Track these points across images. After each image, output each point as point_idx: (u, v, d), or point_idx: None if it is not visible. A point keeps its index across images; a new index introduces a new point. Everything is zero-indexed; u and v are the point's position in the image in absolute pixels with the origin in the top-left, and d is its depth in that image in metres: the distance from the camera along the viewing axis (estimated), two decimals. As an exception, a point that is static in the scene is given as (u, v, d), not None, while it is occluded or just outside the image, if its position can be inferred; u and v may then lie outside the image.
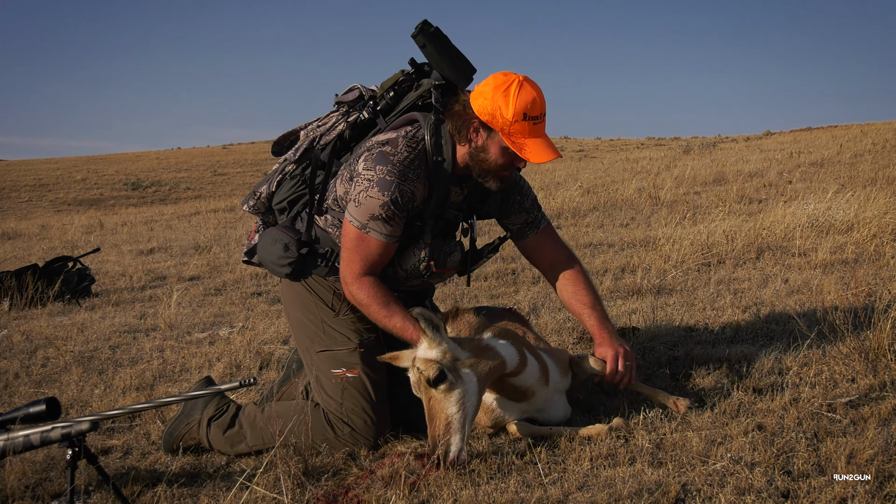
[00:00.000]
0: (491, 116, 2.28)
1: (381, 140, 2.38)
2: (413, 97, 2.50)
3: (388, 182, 2.30)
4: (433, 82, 2.46)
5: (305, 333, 2.53)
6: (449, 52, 2.41)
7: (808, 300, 3.74)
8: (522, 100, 2.25)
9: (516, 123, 2.26)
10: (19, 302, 5.30)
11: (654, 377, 2.81)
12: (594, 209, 7.80)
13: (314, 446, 2.38)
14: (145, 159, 35.58)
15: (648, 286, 4.32)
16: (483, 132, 2.34)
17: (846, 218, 5.37)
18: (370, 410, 2.40)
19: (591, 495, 1.94)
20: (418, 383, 2.14)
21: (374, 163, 2.33)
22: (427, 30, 2.37)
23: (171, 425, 2.55)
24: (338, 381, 2.42)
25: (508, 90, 2.26)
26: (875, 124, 21.40)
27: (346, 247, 2.38)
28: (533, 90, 2.28)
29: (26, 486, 2.26)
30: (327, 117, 2.67)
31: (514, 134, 2.28)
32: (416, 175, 2.35)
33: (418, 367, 2.13)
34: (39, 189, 25.23)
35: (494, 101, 2.27)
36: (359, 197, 2.33)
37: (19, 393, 3.30)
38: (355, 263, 2.37)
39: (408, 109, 2.51)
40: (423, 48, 2.41)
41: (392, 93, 2.53)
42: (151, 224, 11.39)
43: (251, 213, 2.70)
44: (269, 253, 2.52)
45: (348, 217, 2.36)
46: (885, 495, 1.82)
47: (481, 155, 2.36)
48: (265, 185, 2.64)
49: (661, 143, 30.91)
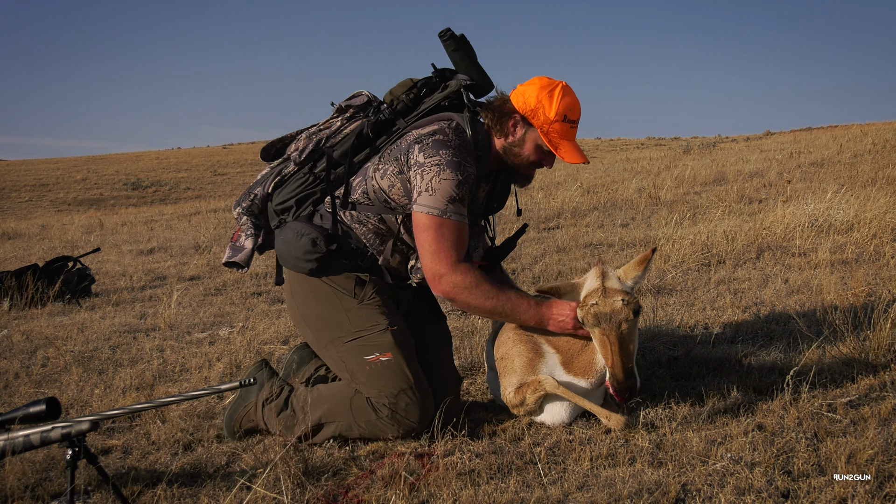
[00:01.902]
0: (533, 113, 2.42)
1: (428, 132, 2.42)
2: (439, 98, 2.54)
3: (458, 163, 2.35)
4: (462, 83, 2.53)
5: (328, 327, 2.49)
6: (475, 59, 2.53)
7: (808, 300, 3.74)
8: (566, 102, 2.41)
9: (556, 123, 2.41)
10: (19, 302, 5.30)
11: (654, 377, 2.81)
12: (594, 209, 7.80)
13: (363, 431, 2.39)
14: (145, 159, 35.58)
15: (648, 286, 4.31)
16: (522, 127, 2.46)
17: (846, 218, 5.37)
18: (410, 391, 2.36)
19: (591, 495, 1.94)
20: (612, 313, 2.20)
21: (434, 149, 2.36)
22: (455, 35, 2.47)
23: (231, 409, 2.60)
24: (372, 366, 2.39)
25: (553, 91, 2.41)
26: (875, 124, 21.40)
27: (429, 238, 2.35)
28: (574, 96, 2.45)
29: (26, 486, 2.26)
30: (329, 121, 2.68)
31: (551, 133, 2.42)
32: (470, 161, 2.41)
33: (623, 298, 2.21)
34: (39, 189, 25.24)
35: (539, 98, 2.41)
36: (431, 183, 2.33)
37: (19, 393, 3.30)
38: (447, 252, 2.34)
39: (433, 110, 2.54)
40: (454, 52, 2.50)
41: (412, 94, 2.56)
42: (151, 224, 11.39)
43: (243, 213, 2.66)
44: (293, 248, 2.49)
45: (422, 208, 2.34)
46: (885, 495, 1.82)
47: (516, 149, 2.49)
48: (259, 187, 2.64)
49: (661, 143, 30.91)
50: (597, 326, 2.23)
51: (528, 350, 2.44)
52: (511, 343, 2.49)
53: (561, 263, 5.25)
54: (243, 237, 2.66)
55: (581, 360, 2.37)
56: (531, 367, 2.42)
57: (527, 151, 2.48)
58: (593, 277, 2.33)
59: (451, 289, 2.36)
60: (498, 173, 2.61)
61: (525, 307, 2.38)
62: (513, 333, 2.51)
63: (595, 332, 2.25)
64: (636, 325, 2.26)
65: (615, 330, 2.19)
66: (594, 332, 2.25)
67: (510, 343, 2.50)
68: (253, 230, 2.66)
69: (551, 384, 2.35)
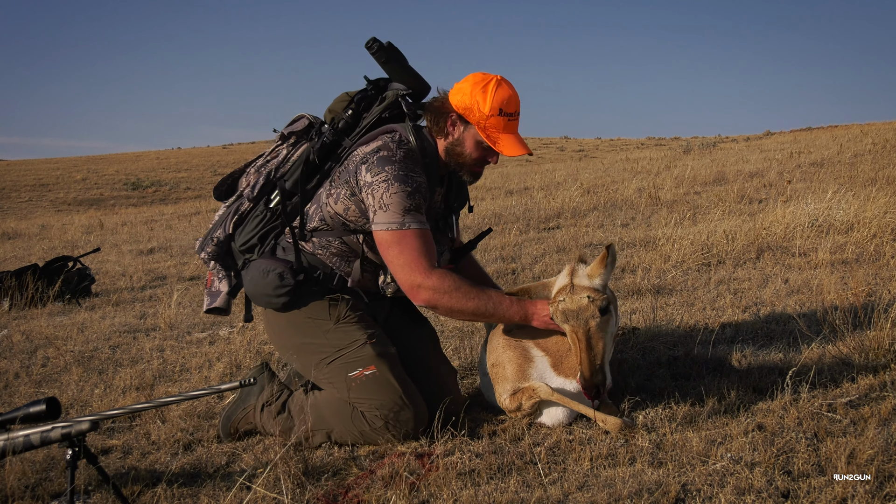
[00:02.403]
0: (468, 110, 2.42)
1: (371, 149, 2.42)
2: (378, 111, 2.55)
3: (404, 176, 2.36)
4: (399, 93, 2.53)
5: (310, 352, 2.49)
6: (407, 64, 2.52)
7: (808, 300, 3.74)
8: (499, 96, 2.39)
9: (492, 118, 2.40)
10: (19, 302, 5.30)
11: (654, 377, 2.81)
12: (594, 209, 7.79)
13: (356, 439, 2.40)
14: (145, 159, 35.58)
15: (648, 286, 4.31)
16: (460, 125, 2.46)
17: (846, 218, 5.37)
18: (400, 401, 2.37)
19: (591, 495, 1.94)
20: (579, 310, 2.20)
21: (379, 167, 2.37)
22: (383, 45, 2.45)
23: (229, 410, 2.60)
24: (358, 382, 2.40)
25: (487, 87, 2.40)
26: (875, 124, 21.41)
27: (396, 253, 2.35)
28: (510, 89, 2.42)
29: (26, 486, 2.26)
30: (274, 151, 2.69)
31: (489, 128, 2.42)
32: (418, 171, 2.42)
33: (588, 295, 2.21)
34: (39, 189, 25.24)
35: (473, 96, 2.40)
36: (383, 200, 2.35)
37: (19, 393, 3.30)
38: (417, 261, 2.34)
39: (374, 124, 2.55)
40: (385, 63, 2.49)
41: (350, 111, 2.56)
42: (151, 224, 11.39)
43: (209, 259, 2.65)
44: (261, 286, 2.48)
45: (381, 227, 2.36)
46: (885, 495, 1.82)
47: (457, 148, 2.48)
48: (220, 229, 2.63)
49: (661, 143, 30.91)
50: (566, 323, 2.24)
51: (517, 356, 2.45)
52: (501, 349, 2.50)
53: (561, 263, 5.25)
54: (216, 281, 2.65)
55: (570, 361, 2.37)
56: (522, 373, 2.43)
57: (468, 149, 2.47)
58: (564, 275, 2.34)
59: (431, 296, 2.34)
60: (450, 175, 2.62)
61: (508, 304, 2.37)
62: (502, 339, 2.51)
63: (566, 329, 2.26)
64: (606, 323, 2.25)
65: (582, 327, 2.21)
66: (565, 328, 2.27)
67: (500, 349, 2.50)
68: (224, 272, 2.65)
69: (545, 391, 2.36)
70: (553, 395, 2.34)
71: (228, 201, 2.69)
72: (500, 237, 6.56)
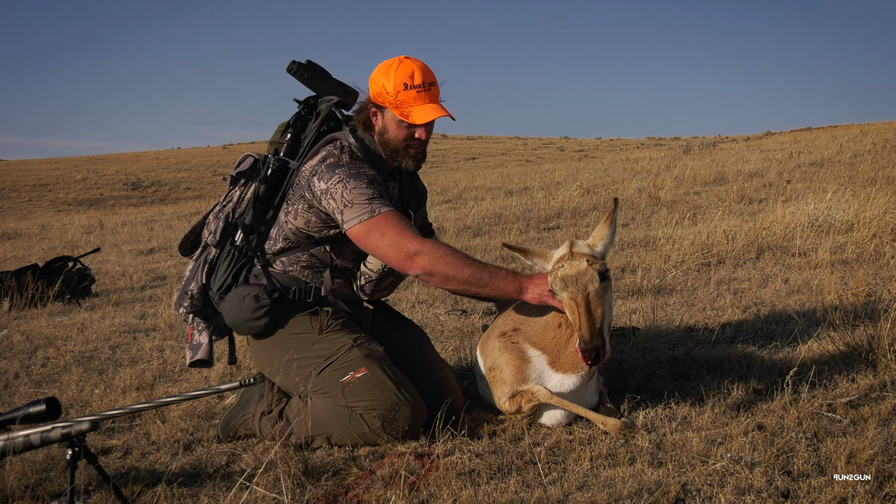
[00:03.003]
0: (379, 95, 2.48)
1: (317, 160, 2.47)
2: (315, 126, 2.59)
3: (355, 172, 2.42)
4: (331, 104, 2.58)
5: (300, 367, 2.49)
6: (330, 76, 2.59)
7: (808, 300, 3.74)
8: (401, 72, 2.45)
9: (400, 94, 2.44)
10: (19, 302, 5.30)
11: (654, 377, 2.81)
12: (594, 209, 7.79)
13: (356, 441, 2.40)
14: (145, 159, 35.59)
15: (648, 286, 4.32)
16: (379, 113, 2.53)
17: (846, 218, 5.37)
18: (397, 399, 2.37)
19: (591, 495, 1.94)
20: (578, 275, 2.19)
21: (329, 172, 2.42)
22: (302, 64, 2.54)
23: (228, 415, 2.61)
24: (351, 386, 2.40)
25: (390, 69, 2.46)
26: (875, 124, 21.41)
27: (378, 237, 2.36)
28: (412, 64, 2.47)
29: (26, 486, 2.26)
30: (228, 196, 2.72)
31: (401, 105, 2.46)
32: (366, 167, 2.47)
33: (587, 260, 2.20)
34: (39, 189, 25.24)
35: (379, 81, 2.48)
36: (344, 199, 2.38)
37: (19, 393, 3.30)
38: (403, 234, 2.35)
39: (315, 139, 2.58)
40: (308, 80, 2.57)
41: (289, 135, 2.60)
42: (151, 224, 11.39)
43: (187, 314, 2.63)
44: (240, 312, 2.49)
45: (352, 222, 2.37)
46: (885, 495, 1.82)
47: (385, 136, 2.53)
48: (193, 283, 2.63)
49: (661, 143, 30.92)
50: (565, 290, 2.21)
51: (514, 358, 2.44)
52: (497, 352, 2.49)
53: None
54: (196, 334, 2.64)
55: (568, 354, 2.36)
56: (520, 375, 2.42)
57: (392, 132, 2.51)
58: (563, 247, 2.33)
59: (426, 262, 2.33)
60: (399, 170, 2.68)
61: (503, 275, 2.36)
62: (497, 342, 2.50)
63: (564, 298, 2.22)
64: (605, 290, 2.23)
65: (581, 292, 2.18)
66: (563, 297, 2.22)
67: (497, 352, 2.49)
68: (204, 324, 2.64)
69: (544, 395, 2.35)
70: (552, 398, 2.34)
71: (195, 255, 2.71)
72: (500, 237, 6.56)
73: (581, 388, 2.39)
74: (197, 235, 2.77)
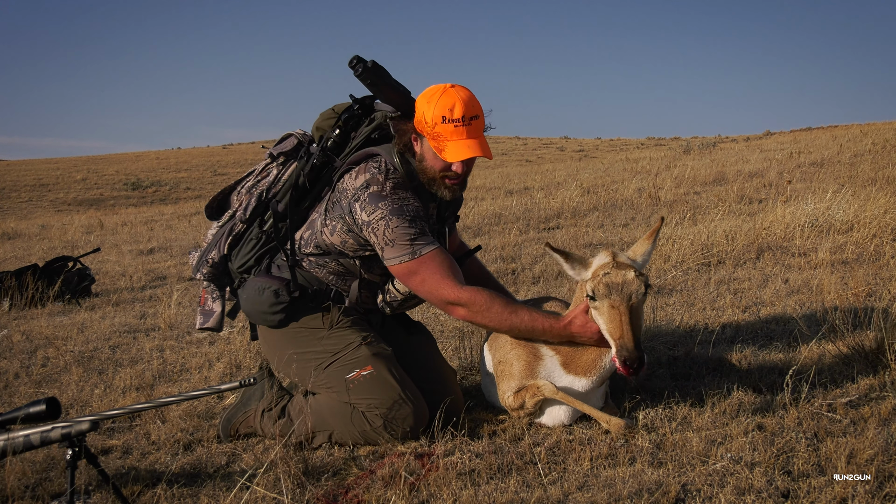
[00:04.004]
0: (419, 123, 2.41)
1: (360, 185, 2.41)
2: (366, 131, 2.55)
3: (398, 208, 2.36)
4: (388, 114, 2.53)
5: (307, 360, 2.50)
6: (392, 82, 2.47)
7: (808, 300, 3.74)
8: (442, 104, 2.35)
9: (437, 126, 2.36)
10: (19, 302, 5.30)
11: (654, 377, 2.81)
12: (594, 209, 7.80)
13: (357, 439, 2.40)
14: (145, 159, 35.58)
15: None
16: (419, 141, 2.45)
17: (846, 218, 5.37)
18: (400, 399, 2.38)
19: (591, 495, 1.94)
20: (624, 283, 2.19)
21: (372, 205, 2.37)
22: (367, 66, 2.39)
23: (229, 413, 2.61)
24: (356, 383, 2.41)
25: (433, 97, 2.37)
26: (875, 124, 21.40)
27: (419, 281, 2.36)
28: (456, 95, 2.36)
29: (26, 486, 2.26)
30: (265, 170, 2.70)
31: (437, 137, 2.38)
32: (409, 197, 2.42)
33: (636, 270, 2.22)
34: (39, 189, 25.24)
35: (421, 109, 2.40)
36: (386, 237, 2.35)
37: (19, 393, 3.30)
38: (442, 283, 2.34)
39: (362, 144, 2.54)
40: (371, 86, 2.44)
41: (338, 131, 2.56)
42: (151, 224, 11.39)
43: (205, 280, 2.66)
44: (257, 303, 2.51)
45: (394, 261, 2.36)
46: (885, 495, 1.82)
47: (423, 164, 2.46)
48: (214, 250, 2.64)
49: (661, 143, 30.93)
50: (607, 297, 2.20)
51: (526, 353, 2.44)
52: (509, 346, 2.49)
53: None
54: (210, 300, 2.66)
55: (584, 359, 2.36)
56: (530, 371, 2.42)
57: (429, 162, 2.43)
58: (603, 255, 2.33)
59: (466, 314, 2.36)
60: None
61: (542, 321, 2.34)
62: (510, 337, 2.51)
63: (604, 304, 2.21)
64: (644, 301, 2.25)
65: (625, 301, 2.18)
66: (603, 303, 2.21)
67: (508, 346, 2.49)
68: (219, 292, 2.67)
69: (550, 390, 2.35)
70: (558, 393, 2.34)
71: (221, 220, 2.70)
72: (500, 237, 6.56)
73: (590, 392, 2.39)
74: (225, 198, 2.74)
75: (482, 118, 2.42)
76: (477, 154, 2.38)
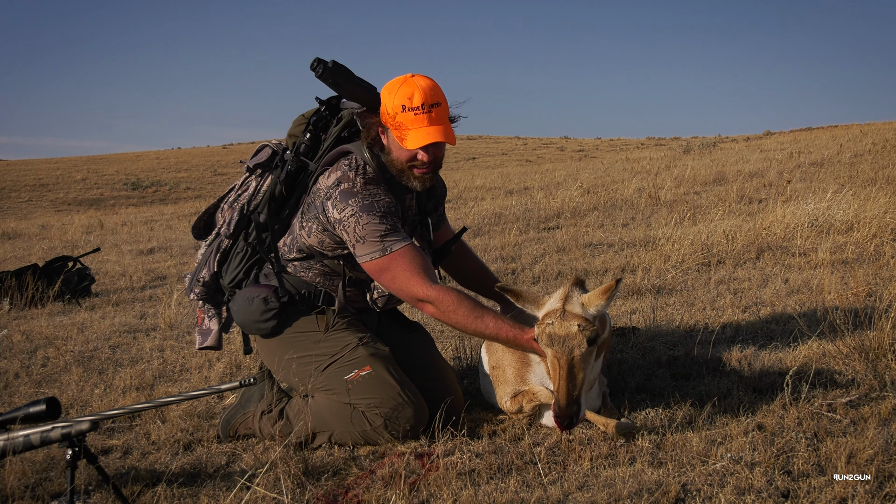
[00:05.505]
0: (383, 116, 2.42)
1: (332, 182, 2.41)
2: (335, 131, 2.56)
3: (369, 204, 2.36)
4: (354, 112, 2.53)
5: (304, 364, 2.50)
6: (355, 79, 2.47)
7: (808, 300, 3.74)
8: (402, 94, 2.35)
9: (398, 116, 2.36)
10: (19, 302, 5.30)
11: (654, 377, 2.81)
12: (594, 209, 7.79)
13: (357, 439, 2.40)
14: (145, 159, 35.58)
15: (648, 286, 4.31)
16: (385, 133, 2.45)
17: (846, 218, 5.37)
18: (400, 398, 2.38)
19: (591, 495, 1.94)
20: (566, 337, 2.13)
21: (343, 202, 2.37)
22: (328, 66, 2.39)
23: (228, 413, 2.61)
24: (355, 384, 2.41)
25: (393, 88, 2.37)
26: (875, 124, 21.40)
27: (389, 277, 2.36)
28: (415, 84, 2.36)
29: (26, 486, 2.26)
30: (245, 184, 2.71)
31: (399, 126, 2.37)
32: (381, 192, 2.42)
33: (579, 324, 2.14)
34: (39, 189, 25.24)
35: (384, 101, 2.40)
36: (357, 234, 2.35)
37: (19, 393, 3.30)
38: (412, 280, 2.33)
39: (333, 144, 2.55)
40: (334, 85, 2.44)
41: (308, 135, 2.56)
42: (151, 224, 11.39)
43: (199, 299, 2.68)
44: (248, 313, 2.51)
45: (365, 258, 2.36)
46: (885, 495, 1.82)
47: (390, 156, 2.46)
48: (204, 269, 2.65)
49: (661, 143, 30.93)
50: (549, 347, 2.16)
51: (516, 360, 2.45)
52: (502, 352, 2.50)
53: (561, 263, 5.25)
54: (206, 319, 2.68)
55: None
56: (521, 377, 2.43)
57: (395, 154, 2.43)
58: (556, 299, 2.26)
59: (434, 311, 2.34)
60: None
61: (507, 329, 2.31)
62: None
63: (548, 353, 2.18)
64: (591, 354, 2.18)
65: (566, 355, 2.13)
66: (547, 352, 2.19)
67: (501, 352, 2.50)
68: (214, 310, 2.68)
69: (545, 395, 2.36)
70: (553, 398, 2.34)
71: (208, 239, 2.72)
72: (500, 237, 6.56)
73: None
74: (210, 217, 2.76)
75: (445, 105, 2.40)
76: (438, 139, 2.36)
